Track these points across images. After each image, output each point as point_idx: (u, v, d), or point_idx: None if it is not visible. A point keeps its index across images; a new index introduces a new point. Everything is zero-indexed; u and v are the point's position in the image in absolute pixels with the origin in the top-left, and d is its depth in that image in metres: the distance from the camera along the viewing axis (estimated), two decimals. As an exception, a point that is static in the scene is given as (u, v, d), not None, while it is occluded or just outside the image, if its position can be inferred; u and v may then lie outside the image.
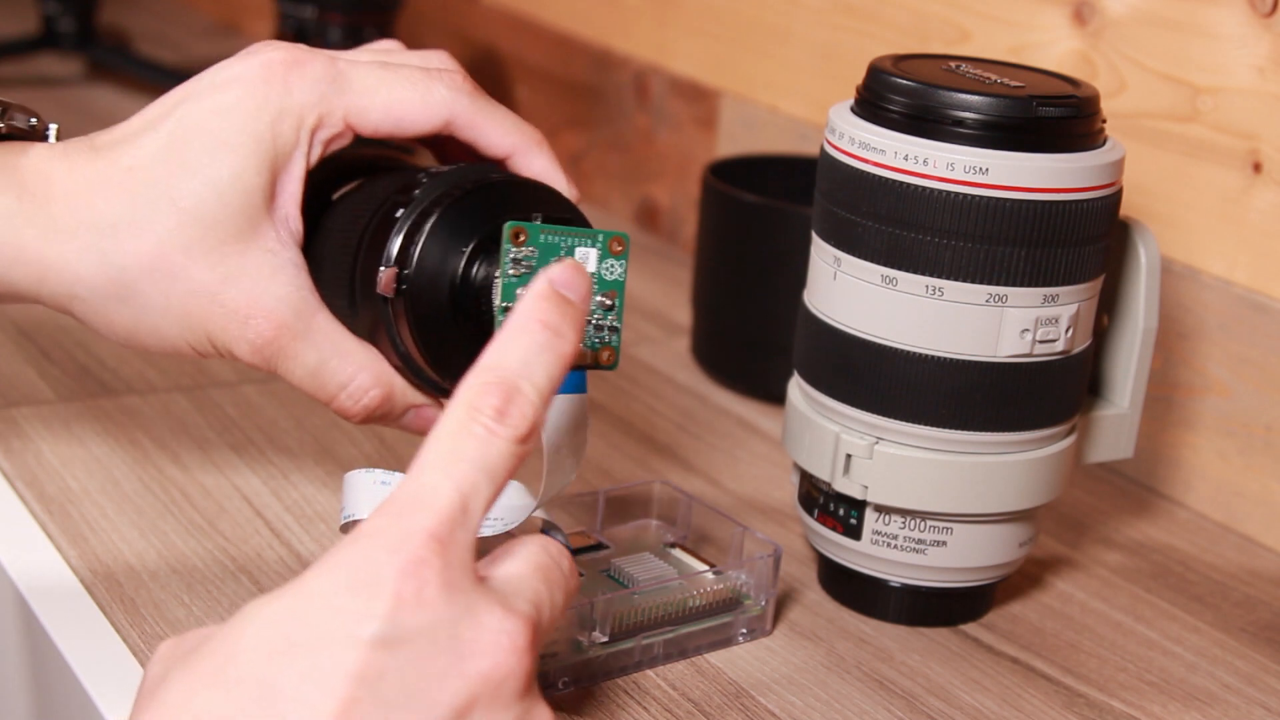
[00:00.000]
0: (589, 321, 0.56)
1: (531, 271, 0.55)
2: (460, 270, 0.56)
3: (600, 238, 0.56)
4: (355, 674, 0.41)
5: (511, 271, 0.55)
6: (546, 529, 0.63)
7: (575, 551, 0.63)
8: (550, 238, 0.55)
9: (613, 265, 0.56)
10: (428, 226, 0.56)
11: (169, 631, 0.61)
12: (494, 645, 0.44)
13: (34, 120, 0.58)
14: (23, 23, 1.42)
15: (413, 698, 0.42)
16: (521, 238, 0.54)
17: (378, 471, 0.57)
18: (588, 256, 0.56)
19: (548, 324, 0.48)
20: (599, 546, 0.65)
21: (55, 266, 0.56)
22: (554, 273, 0.50)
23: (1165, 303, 0.78)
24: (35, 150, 0.57)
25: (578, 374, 0.56)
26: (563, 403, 0.56)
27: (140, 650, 0.59)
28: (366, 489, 0.57)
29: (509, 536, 0.58)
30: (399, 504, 0.44)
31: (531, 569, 0.48)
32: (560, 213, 0.58)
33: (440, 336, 0.57)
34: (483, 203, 0.57)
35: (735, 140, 1.05)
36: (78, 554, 0.65)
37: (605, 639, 0.59)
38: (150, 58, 1.37)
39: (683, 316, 0.97)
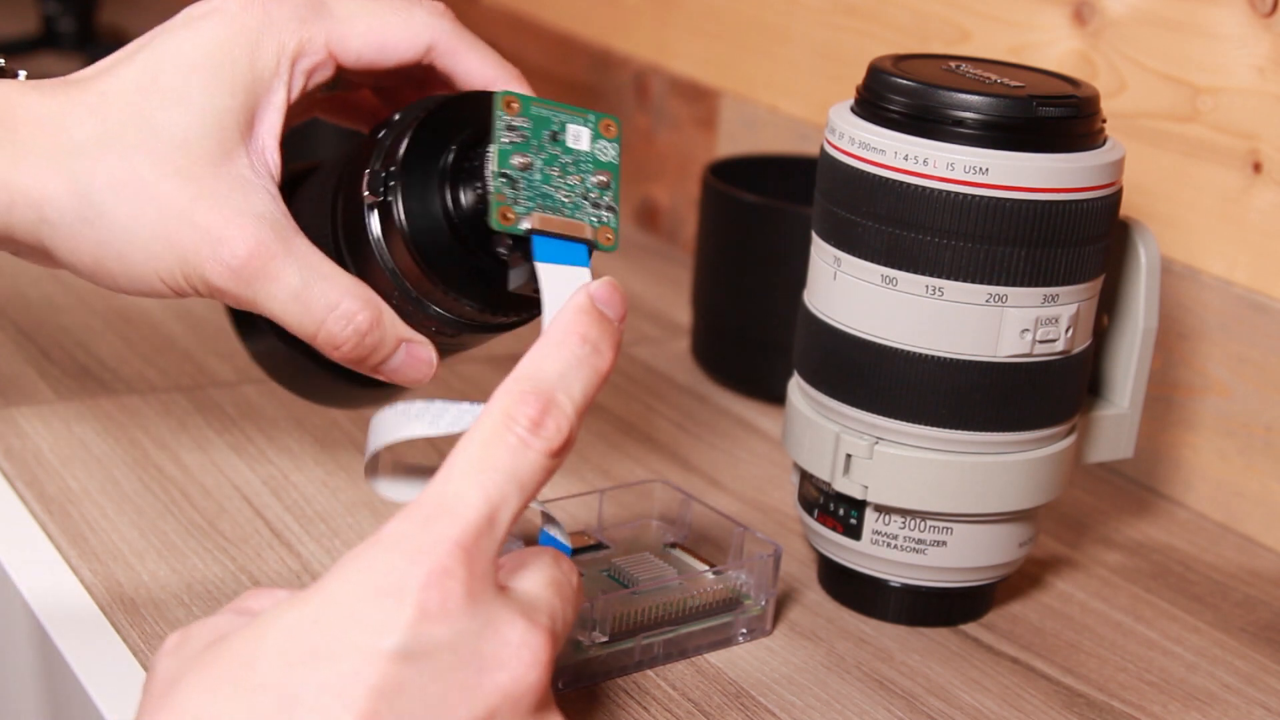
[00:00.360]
0: (585, 198, 0.55)
1: (525, 141, 0.54)
2: (450, 162, 0.55)
3: (591, 117, 0.55)
4: (375, 687, 0.41)
5: (505, 138, 0.53)
6: (546, 522, 0.63)
7: (575, 551, 0.63)
8: (542, 110, 0.54)
9: (605, 147, 0.55)
10: (413, 128, 0.55)
11: (169, 631, 0.60)
12: (515, 659, 0.43)
13: (1, 61, 0.57)
14: (23, 23, 1.42)
15: (431, 710, 0.42)
16: (514, 106, 0.53)
17: (398, 404, 0.53)
18: (580, 134, 0.55)
19: (587, 338, 0.48)
20: (599, 546, 0.65)
21: (23, 189, 0.53)
22: (594, 289, 0.49)
23: (1165, 303, 0.78)
24: (5, 84, 0.55)
25: (577, 248, 0.54)
26: (562, 273, 0.54)
27: (140, 650, 0.59)
28: (388, 421, 0.53)
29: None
30: (426, 509, 0.44)
31: (547, 582, 0.48)
32: None
33: (434, 238, 0.55)
34: (469, 106, 0.56)
35: (735, 140, 1.05)
36: (78, 554, 0.65)
37: (605, 639, 0.59)
38: (150, 58, 1.37)
39: (683, 316, 0.97)
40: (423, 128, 0.55)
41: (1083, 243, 0.61)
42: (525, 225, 0.53)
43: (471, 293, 0.56)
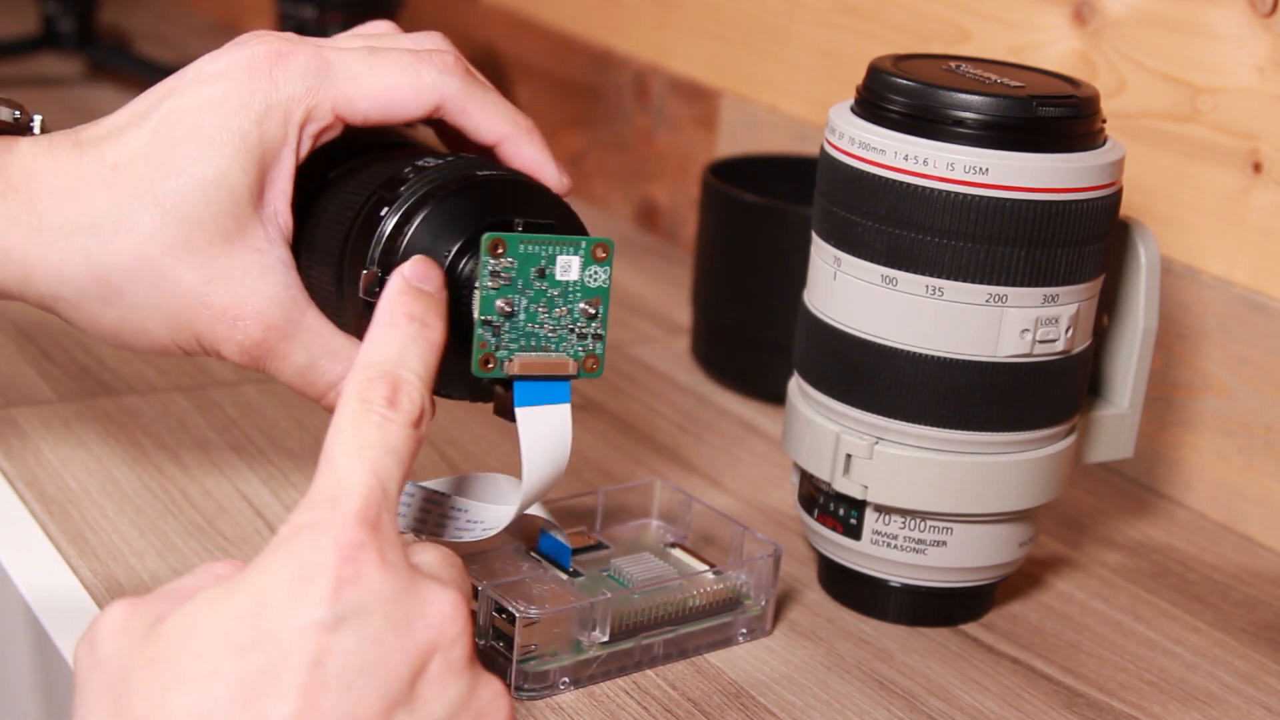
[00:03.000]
0: (572, 330, 0.56)
1: (510, 284, 0.54)
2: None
3: (583, 244, 0.55)
4: (312, 660, 0.43)
5: (490, 284, 0.54)
6: (546, 529, 0.63)
7: (575, 551, 0.63)
8: (530, 248, 0.54)
9: (596, 272, 0.56)
10: (410, 230, 0.55)
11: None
12: (437, 613, 0.45)
13: (18, 113, 0.58)
14: (23, 23, 1.42)
15: (368, 669, 0.43)
16: (500, 250, 0.54)
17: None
18: (570, 265, 0.55)
19: (413, 315, 0.50)
20: (599, 546, 0.65)
21: (39, 266, 0.55)
22: (407, 270, 0.51)
23: (1165, 303, 0.78)
24: (19, 146, 0.56)
25: (559, 385, 0.56)
26: (541, 414, 0.56)
27: (140, 650, 0.59)
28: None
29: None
30: (323, 495, 0.45)
31: (439, 557, 0.49)
32: (545, 211, 0.57)
33: None
34: (465, 204, 0.56)
35: (735, 140, 1.05)
36: (77, 553, 0.65)
37: (605, 639, 0.59)
38: (150, 58, 1.37)
39: (683, 316, 0.97)
40: (420, 230, 0.55)
41: (1083, 243, 0.61)
42: (506, 371, 0.55)
43: (464, 393, 0.57)
